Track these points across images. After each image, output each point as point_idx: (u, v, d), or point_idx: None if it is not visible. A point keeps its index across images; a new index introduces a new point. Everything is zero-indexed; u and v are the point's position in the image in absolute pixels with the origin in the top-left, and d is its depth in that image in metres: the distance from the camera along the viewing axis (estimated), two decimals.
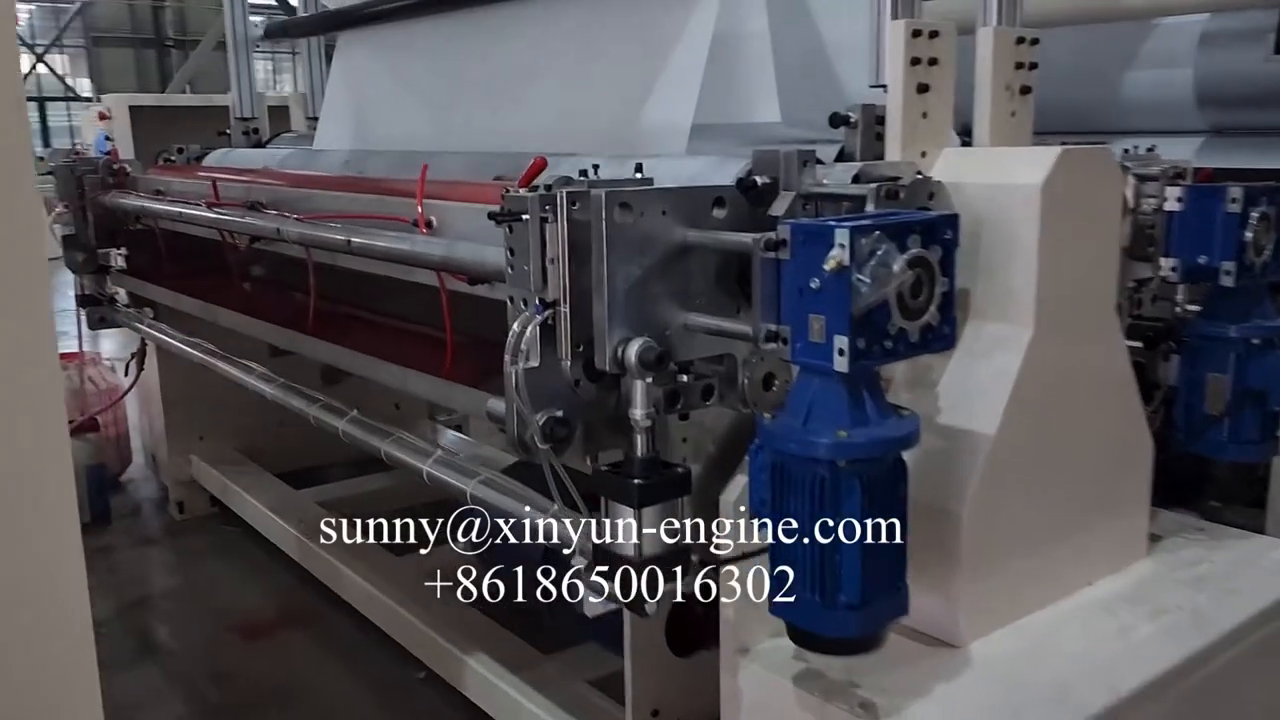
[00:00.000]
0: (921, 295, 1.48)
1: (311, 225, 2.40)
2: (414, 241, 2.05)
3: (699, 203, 1.61)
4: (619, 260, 1.52)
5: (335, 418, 2.56)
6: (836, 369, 1.41)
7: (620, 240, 1.52)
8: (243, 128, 4.14)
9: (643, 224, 1.54)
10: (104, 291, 4.04)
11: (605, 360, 1.53)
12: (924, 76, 1.88)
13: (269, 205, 2.78)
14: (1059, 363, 1.83)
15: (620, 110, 2.55)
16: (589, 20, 2.70)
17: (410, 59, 3.40)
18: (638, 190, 1.54)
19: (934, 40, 1.88)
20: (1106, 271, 1.92)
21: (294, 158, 3.47)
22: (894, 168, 1.79)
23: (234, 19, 4.08)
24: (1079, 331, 1.87)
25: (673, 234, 1.58)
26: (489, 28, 3.01)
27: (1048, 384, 1.81)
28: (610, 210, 1.50)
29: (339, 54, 3.74)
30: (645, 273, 1.56)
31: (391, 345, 2.52)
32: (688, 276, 1.61)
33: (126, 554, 4.07)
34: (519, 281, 1.60)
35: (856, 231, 1.39)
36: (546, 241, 1.55)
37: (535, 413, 1.60)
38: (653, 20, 2.51)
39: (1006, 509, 1.79)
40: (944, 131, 1.93)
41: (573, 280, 1.55)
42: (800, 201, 1.73)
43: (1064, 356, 1.84)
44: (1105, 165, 1.89)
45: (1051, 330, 1.79)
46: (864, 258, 1.41)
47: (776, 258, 1.48)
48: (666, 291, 1.59)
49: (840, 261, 1.39)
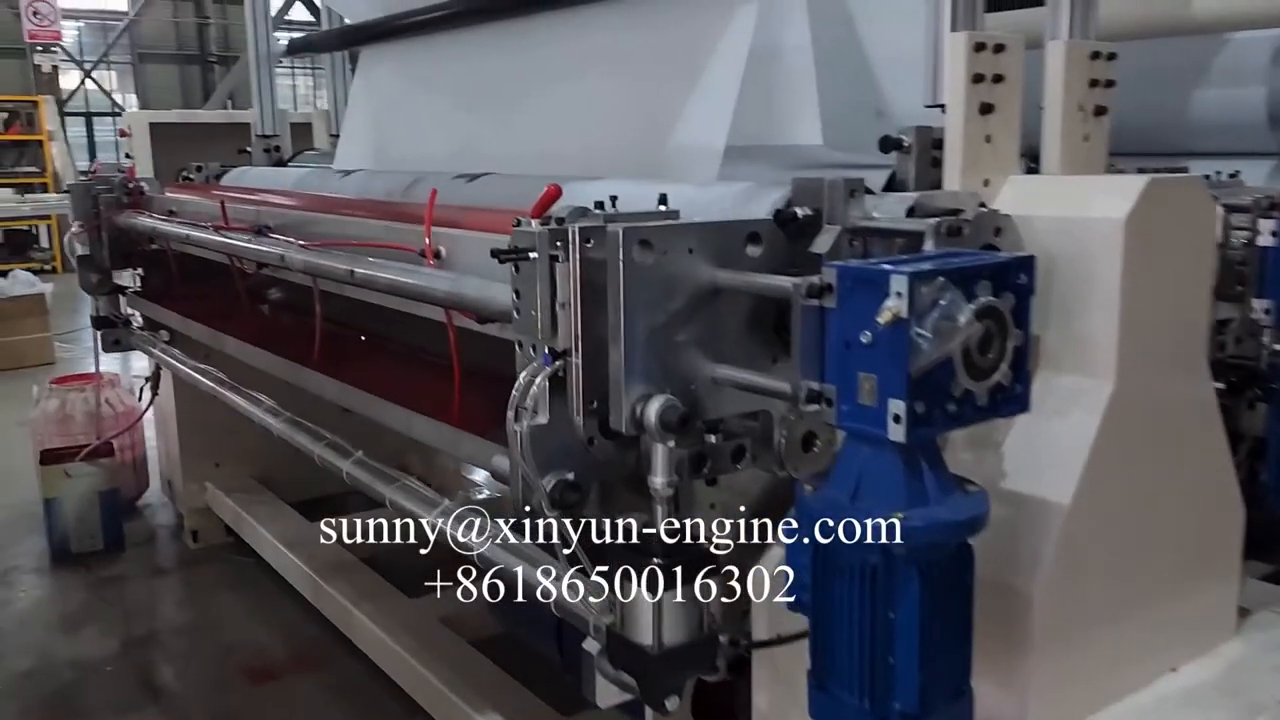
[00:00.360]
0: (991, 351, 1.27)
1: (315, 253, 2.23)
2: (419, 274, 1.87)
3: (731, 239, 1.41)
4: (639, 305, 1.33)
5: (340, 458, 2.39)
6: (891, 438, 1.20)
7: (640, 283, 1.32)
8: (264, 145, 4.02)
9: (666, 264, 1.35)
10: (119, 313, 3.92)
11: (621, 420, 1.34)
12: (988, 95, 1.67)
13: (277, 229, 2.62)
14: (1143, 420, 1.60)
15: (649, 131, 2.36)
16: (617, 34, 2.52)
17: (431, 76, 3.24)
18: (661, 226, 1.35)
19: (999, 55, 1.67)
20: (1197, 316, 1.69)
21: (310, 177, 3.32)
22: (954, 199, 1.58)
23: (256, 35, 3.96)
24: (1166, 384, 1.64)
25: (700, 275, 1.38)
26: (512, 43, 2.84)
27: (1130, 444, 1.59)
28: (629, 248, 1.31)
29: (360, 70, 3.60)
30: (669, 319, 1.36)
31: (403, 380, 2.35)
32: (717, 323, 1.41)
33: (137, 585, 3.94)
34: (526, 327, 1.41)
35: (916, 278, 1.18)
36: (556, 283, 1.36)
37: (542, 475, 1.41)
38: (686, 33, 2.33)
39: (1083, 587, 1.56)
40: (1009, 158, 1.72)
41: (586, 327, 1.36)
42: (847, 237, 1.52)
43: (1149, 413, 1.61)
44: (1197, 196, 1.66)
45: (1135, 383, 1.56)
46: (925, 308, 1.20)
47: (820, 305, 1.27)
48: (692, 340, 1.39)
49: (897, 313, 1.18)
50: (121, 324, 3.92)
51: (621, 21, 2.52)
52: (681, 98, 2.29)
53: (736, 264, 1.41)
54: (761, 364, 1.45)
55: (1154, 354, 1.60)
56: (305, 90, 22.32)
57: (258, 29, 3.95)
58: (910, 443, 1.21)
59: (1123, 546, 1.61)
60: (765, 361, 1.46)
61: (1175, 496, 1.70)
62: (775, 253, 1.45)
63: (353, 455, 2.37)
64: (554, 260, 1.36)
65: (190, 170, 3.98)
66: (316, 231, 2.45)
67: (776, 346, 1.48)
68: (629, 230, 1.31)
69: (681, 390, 1.37)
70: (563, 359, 1.38)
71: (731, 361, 1.42)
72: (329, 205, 2.52)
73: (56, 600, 3.86)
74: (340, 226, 2.35)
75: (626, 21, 2.50)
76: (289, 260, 2.32)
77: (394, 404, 2.08)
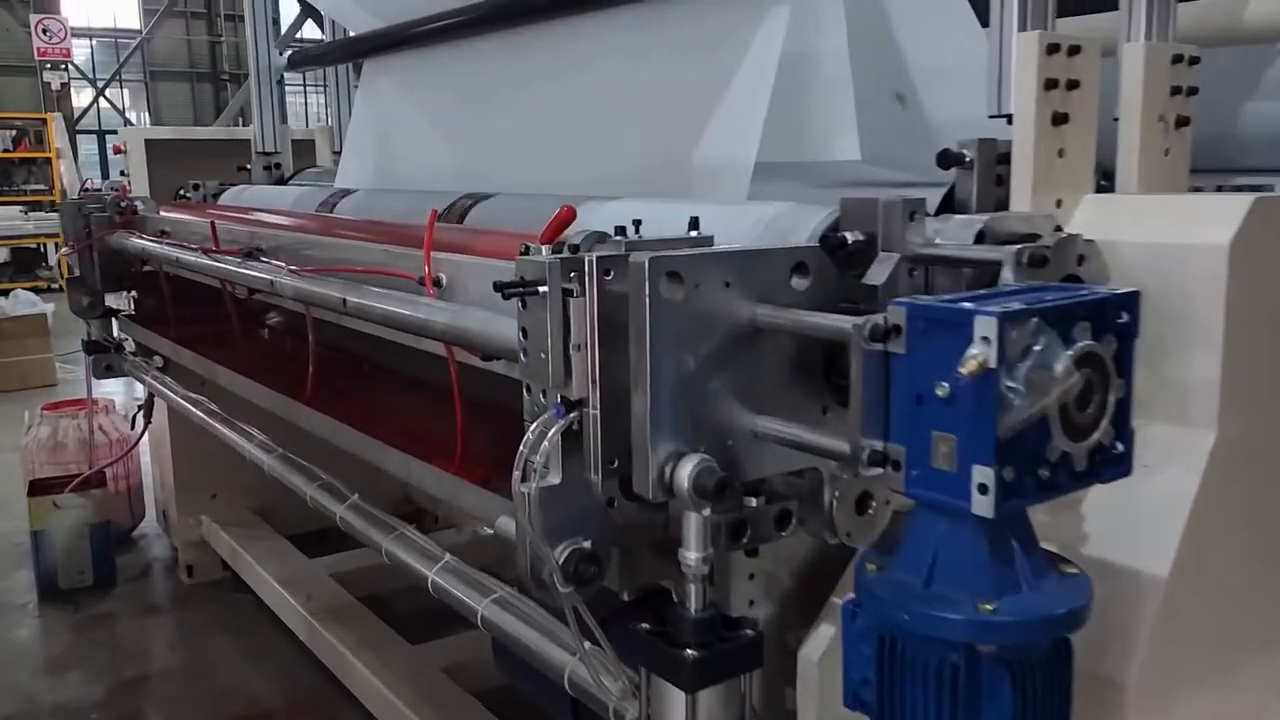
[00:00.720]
0: (1091, 405, 1.06)
1: (307, 279, 2.04)
2: (416, 305, 1.67)
3: (774, 270, 1.21)
4: (667, 348, 1.12)
5: (334, 501, 2.19)
6: (975, 511, 0.99)
7: (669, 321, 1.12)
8: (264, 163, 3.85)
9: (699, 299, 1.14)
10: (111, 337, 3.74)
11: (648, 484, 1.13)
12: (1061, 104, 1.47)
13: (270, 251, 2.43)
14: (1250, 474, 1.39)
15: (671, 146, 2.17)
16: (636, 40, 2.33)
17: (437, 89, 3.06)
18: (692, 255, 1.15)
19: (1074, 58, 1.47)
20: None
21: (309, 196, 3.14)
22: (1028, 222, 1.37)
23: (258, 48, 3.80)
24: (1276, 432, 1.42)
25: (739, 312, 1.18)
26: (523, 52, 2.66)
27: (1236, 503, 1.37)
28: (656, 282, 1.11)
29: (363, 84, 3.43)
30: (702, 364, 1.15)
31: (404, 414, 2.15)
32: (757, 367, 1.21)
33: (128, 624, 3.74)
34: (534, 371, 1.21)
35: (1007, 319, 0.97)
36: (571, 321, 1.16)
37: (554, 544, 1.20)
38: (712, 37, 2.13)
39: (1183, 669, 1.34)
40: (1084, 175, 1.52)
41: (605, 373, 1.16)
42: (906, 266, 1.32)
43: (1258, 467, 1.39)
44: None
45: (1241, 434, 1.35)
46: (1016, 355, 0.99)
47: (885, 350, 1.07)
48: (729, 388, 1.18)
49: (984, 362, 0.98)
50: (114, 349, 3.74)
51: (640, 26, 2.33)
52: (707, 108, 2.09)
53: (780, 298, 1.21)
54: (809, 414, 1.25)
55: (1262, 398, 1.38)
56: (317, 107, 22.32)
57: (259, 43, 3.78)
58: (999, 517, 1.00)
59: (1228, 618, 1.39)
60: (814, 411, 1.26)
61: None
62: (824, 285, 1.25)
63: (348, 499, 2.17)
64: (567, 295, 1.16)
65: (187, 189, 3.81)
66: (311, 255, 2.26)
67: (826, 394, 1.27)
68: (656, 260, 1.10)
69: (717, 447, 1.16)
70: (578, 409, 1.17)
71: (775, 412, 1.21)
72: (325, 227, 2.34)
73: (42, 640, 3.66)
74: (335, 250, 2.16)
75: (646, 26, 2.31)
76: (279, 286, 2.13)
77: (390, 447, 1.88)
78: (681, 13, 2.21)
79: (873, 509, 1.28)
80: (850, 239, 1.34)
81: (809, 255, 1.24)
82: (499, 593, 1.68)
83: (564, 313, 1.16)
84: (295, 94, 19.00)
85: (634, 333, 1.12)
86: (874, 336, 1.06)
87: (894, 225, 1.32)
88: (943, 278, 1.34)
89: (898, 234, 1.32)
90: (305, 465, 2.39)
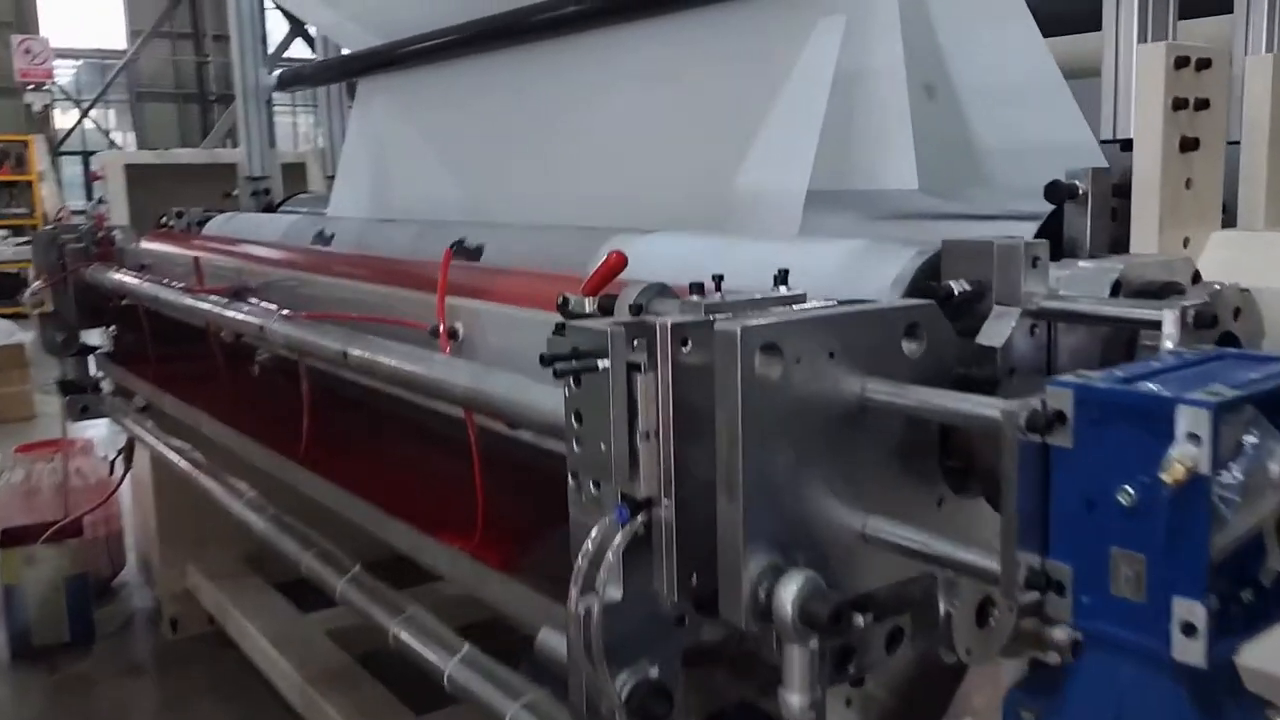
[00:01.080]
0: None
1: (302, 325, 1.81)
2: (432, 363, 1.44)
3: (883, 333, 0.99)
4: (763, 438, 0.90)
5: (334, 574, 1.95)
6: (1179, 658, 0.77)
7: (766, 404, 0.90)
8: (252, 188, 3.62)
9: (800, 375, 0.92)
10: (87, 377, 3.50)
11: (740, 609, 0.90)
12: (1190, 127, 1.25)
13: (260, 290, 2.20)
14: None
15: (710, 171, 1.95)
16: (667, 53, 2.12)
17: (439, 110, 2.84)
18: (793, 321, 0.92)
19: (1203, 74, 1.26)
20: None
21: (301, 226, 2.90)
22: (1167, 268, 1.15)
23: (244, 68, 3.57)
24: None
25: (846, 389, 0.95)
26: (538, 67, 2.44)
27: None
28: (750, 356, 0.88)
29: (357, 104, 3.21)
30: (803, 455, 0.93)
31: (417, 474, 1.91)
32: (862, 454, 0.98)
33: (105, 687, 3.47)
34: (592, 463, 0.98)
35: (1224, 411, 0.75)
36: (639, 404, 0.93)
37: (615, 674, 0.97)
38: (754, 52, 1.92)
39: None
40: (1212, 208, 1.30)
41: (682, 467, 0.93)
42: (1027, 323, 1.10)
43: None
44: None
45: None
46: (1229, 453, 0.77)
47: (1045, 442, 0.84)
48: (833, 482, 0.96)
49: (1193, 466, 0.75)
50: (91, 389, 3.49)
51: (674, 38, 2.11)
52: (750, 129, 1.88)
53: (891, 368, 0.99)
54: (924, 508, 1.02)
55: None
56: (307, 128, 22.11)
57: (245, 61, 3.56)
58: (1210, 664, 0.77)
59: None
60: (929, 503, 1.03)
61: None
62: (939, 350, 1.03)
63: (349, 571, 1.93)
64: (633, 370, 0.93)
65: (170, 216, 3.57)
66: (306, 296, 2.03)
67: (940, 480, 1.05)
68: (751, 331, 0.88)
69: (819, 557, 0.94)
70: (645, 510, 0.94)
71: (884, 508, 0.98)
72: (321, 263, 2.11)
73: (14, 704, 3.39)
74: (334, 291, 1.94)
75: (680, 38, 2.10)
76: (270, 333, 1.90)
77: (398, 520, 1.65)
78: (721, 24, 1.99)
79: (995, 619, 1.06)
80: (957, 289, 1.12)
81: (923, 314, 1.01)
82: (529, 695, 1.44)
83: (629, 393, 0.93)
84: (284, 114, 18.76)
85: (722, 420, 0.90)
86: (1032, 426, 0.84)
87: (1012, 272, 1.10)
88: (1066, 336, 1.12)
89: (1014, 283, 1.10)
90: (300, 528, 2.14)
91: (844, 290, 1.34)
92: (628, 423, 0.94)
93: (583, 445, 0.98)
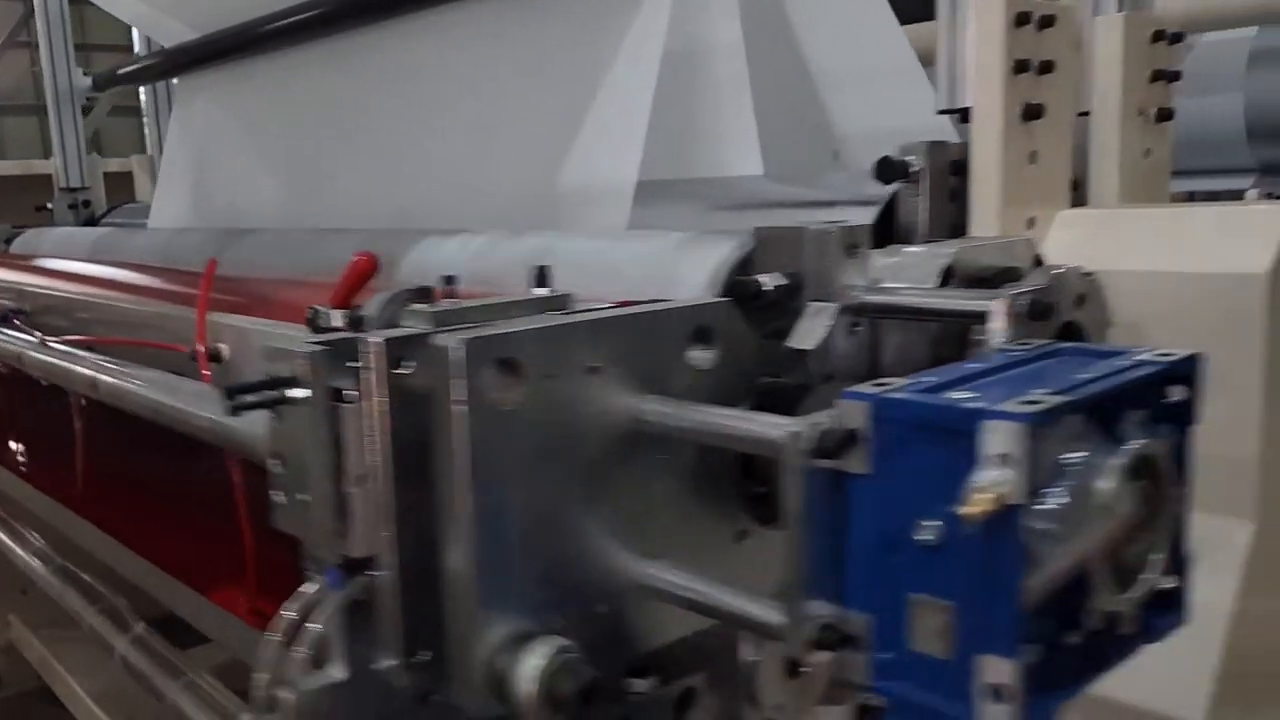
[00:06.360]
0: (1147, 532, 0.69)
1: (56, 353, 1.55)
2: (179, 393, 1.21)
3: (664, 341, 0.81)
4: (500, 473, 0.71)
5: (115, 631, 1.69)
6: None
7: (504, 433, 0.71)
8: (69, 200, 3.29)
9: (550, 397, 0.73)
10: None
11: (470, 686, 0.71)
12: (1033, 92, 1.12)
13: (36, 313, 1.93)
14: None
15: (535, 163, 1.76)
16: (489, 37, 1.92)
17: (260, 108, 2.59)
18: (534, 329, 0.73)
19: (1046, 33, 1.13)
20: None
21: (112, 240, 2.62)
22: (1006, 251, 1.01)
23: (54, 69, 3.25)
24: None
25: (614, 411, 0.77)
26: (354, 58, 2.22)
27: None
28: (477, 374, 0.69)
29: (177, 105, 2.93)
30: (560, 493, 0.74)
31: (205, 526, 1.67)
32: (643, 487, 0.80)
33: None
34: (294, 518, 0.77)
35: (1039, 423, 0.59)
36: (349, 440, 0.73)
37: None
38: (577, 33, 1.74)
39: None
40: (1059, 185, 1.18)
41: (405, 517, 0.73)
42: (846, 321, 0.94)
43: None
44: None
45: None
46: (1048, 475, 0.61)
47: (837, 470, 0.68)
48: (602, 524, 0.77)
49: (1004, 496, 0.59)
50: None
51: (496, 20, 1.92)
52: (576, 116, 1.70)
53: (675, 384, 0.81)
54: (719, 546, 0.85)
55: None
56: None
57: (55, 61, 3.23)
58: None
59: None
60: (725, 540, 0.86)
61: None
62: (737, 356, 0.85)
63: (131, 630, 1.67)
64: (338, 399, 0.73)
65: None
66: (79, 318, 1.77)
67: (742, 510, 0.87)
68: (479, 343, 0.69)
69: (584, 616, 0.75)
70: (363, 573, 0.75)
71: (672, 550, 0.81)
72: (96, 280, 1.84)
73: None
74: (104, 313, 1.68)
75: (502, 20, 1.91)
76: (28, 362, 1.63)
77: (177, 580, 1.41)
78: (542, 7, 1.81)
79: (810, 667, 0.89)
80: (767, 284, 0.95)
81: (714, 315, 0.84)
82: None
83: (333, 429, 0.73)
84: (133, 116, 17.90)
85: (445, 456, 0.70)
86: (822, 450, 0.67)
87: (826, 263, 0.94)
88: (895, 334, 0.97)
89: (832, 275, 0.94)
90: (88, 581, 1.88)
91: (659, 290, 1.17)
92: (334, 465, 0.73)
93: (287, 495, 0.77)
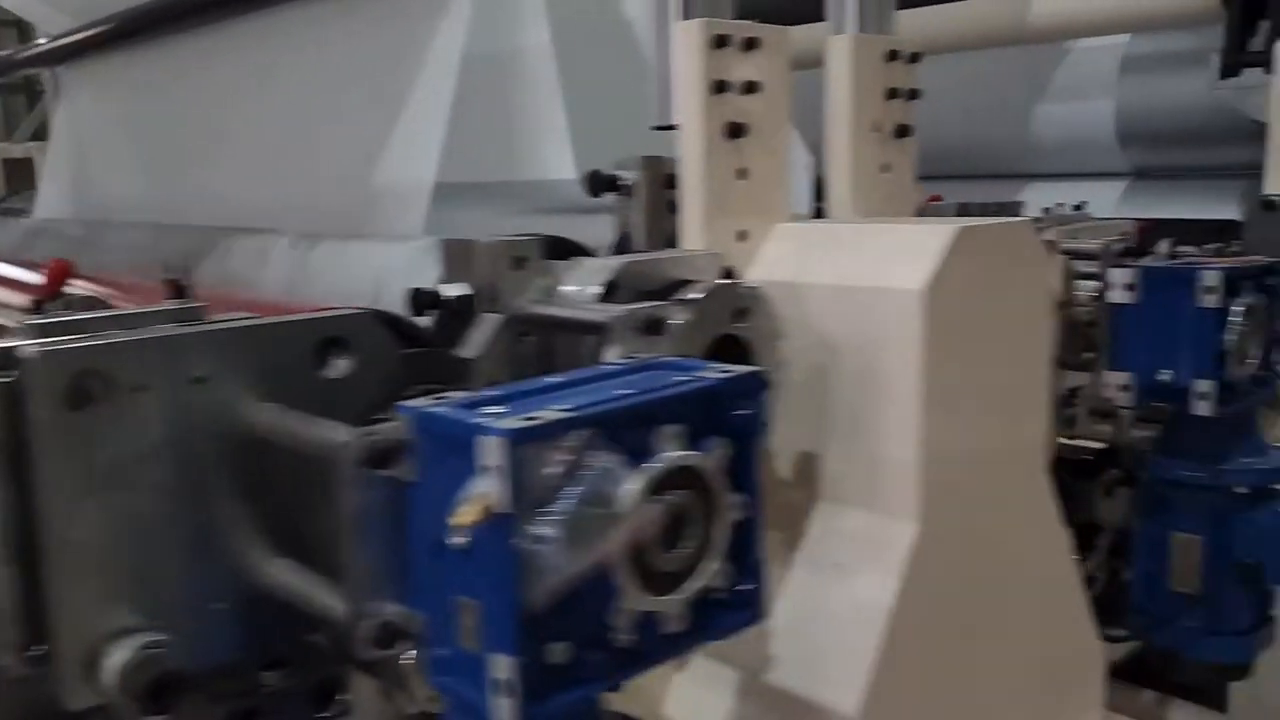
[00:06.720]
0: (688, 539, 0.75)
1: None
2: None
3: (288, 352, 0.86)
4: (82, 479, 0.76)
5: None
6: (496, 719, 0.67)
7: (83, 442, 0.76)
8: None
9: (152, 407, 0.78)
10: None
11: (68, 679, 0.76)
12: (736, 111, 1.17)
13: None
14: (963, 572, 1.12)
15: (349, 164, 1.81)
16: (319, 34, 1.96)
17: (131, 99, 2.62)
18: (124, 341, 0.78)
19: (750, 54, 1.18)
20: (1032, 416, 1.22)
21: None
22: (686, 264, 1.07)
23: None
24: (994, 516, 1.16)
25: (219, 419, 0.82)
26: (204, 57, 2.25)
27: (945, 611, 1.10)
28: (55, 386, 0.74)
29: (62, 95, 2.95)
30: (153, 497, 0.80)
31: None
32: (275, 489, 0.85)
33: None
34: None
35: (523, 438, 0.65)
36: None
37: None
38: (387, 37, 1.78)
39: None
40: (777, 198, 1.23)
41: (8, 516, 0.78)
42: (513, 332, 1.00)
43: (971, 561, 1.13)
44: (1024, 246, 1.19)
45: (949, 521, 1.08)
46: (548, 488, 0.67)
47: (394, 478, 0.73)
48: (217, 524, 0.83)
49: (490, 505, 0.65)
50: None
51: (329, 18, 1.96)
52: (385, 119, 1.74)
53: (301, 392, 0.86)
54: None
55: (975, 476, 1.12)
56: None
57: None
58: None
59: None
60: None
61: (1012, 665, 1.22)
62: (380, 366, 0.91)
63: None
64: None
65: None
66: None
67: None
68: (58, 355, 0.74)
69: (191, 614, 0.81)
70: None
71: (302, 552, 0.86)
72: None
73: None
74: None
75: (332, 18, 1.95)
76: None
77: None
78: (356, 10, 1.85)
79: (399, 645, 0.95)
80: (447, 294, 1.01)
81: (348, 327, 0.89)
82: None
83: None
84: None
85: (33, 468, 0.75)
86: (373, 459, 0.73)
87: (495, 275, 1.00)
88: (566, 346, 1.02)
89: (497, 287, 0.99)
90: None
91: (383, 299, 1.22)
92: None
93: None
